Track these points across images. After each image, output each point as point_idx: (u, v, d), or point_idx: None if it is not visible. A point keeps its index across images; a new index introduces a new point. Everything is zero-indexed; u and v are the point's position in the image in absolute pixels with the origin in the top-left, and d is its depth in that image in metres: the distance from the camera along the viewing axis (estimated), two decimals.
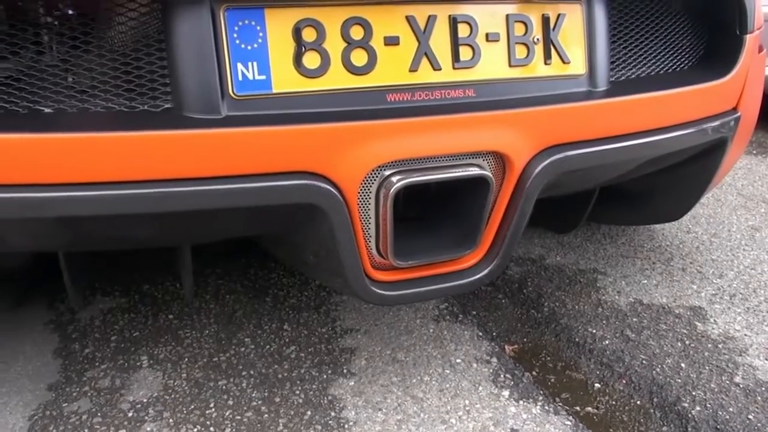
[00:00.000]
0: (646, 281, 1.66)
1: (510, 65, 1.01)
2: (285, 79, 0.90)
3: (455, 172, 0.96)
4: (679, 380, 1.26)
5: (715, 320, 1.47)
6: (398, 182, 0.93)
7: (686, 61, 1.27)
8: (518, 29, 1.01)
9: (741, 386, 1.24)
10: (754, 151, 2.99)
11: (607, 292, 1.60)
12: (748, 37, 1.26)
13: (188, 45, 0.86)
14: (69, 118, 0.86)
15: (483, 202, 1.00)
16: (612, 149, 1.08)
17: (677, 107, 1.16)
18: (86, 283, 1.49)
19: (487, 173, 0.98)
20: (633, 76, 1.19)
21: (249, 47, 0.88)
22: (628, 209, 1.61)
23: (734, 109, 1.30)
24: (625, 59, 1.18)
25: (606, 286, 1.64)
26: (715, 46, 1.27)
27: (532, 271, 1.71)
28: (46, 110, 0.87)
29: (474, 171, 0.97)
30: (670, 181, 1.41)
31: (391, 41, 0.93)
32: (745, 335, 1.41)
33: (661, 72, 1.24)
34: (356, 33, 0.91)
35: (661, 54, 1.23)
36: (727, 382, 1.25)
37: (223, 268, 1.71)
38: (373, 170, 0.93)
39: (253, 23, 0.87)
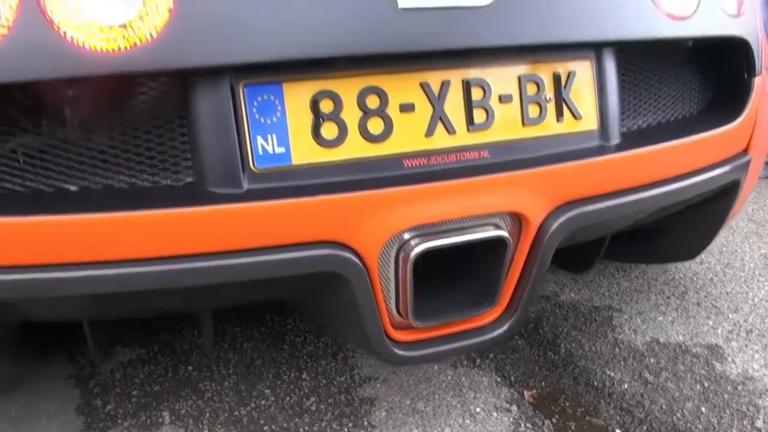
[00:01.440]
0: (661, 318, 1.66)
1: (523, 125, 1.02)
2: (304, 151, 0.91)
3: (473, 234, 0.98)
4: (701, 426, 1.26)
5: (733, 359, 1.47)
6: (418, 246, 0.94)
7: (695, 105, 1.28)
8: (530, 89, 1.02)
9: (762, 431, 1.24)
10: (764, 172, 2.99)
11: (624, 331, 1.60)
12: (756, 79, 1.27)
13: (209, 121, 0.88)
14: (94, 197, 0.88)
15: (501, 261, 1.01)
16: (626, 202, 1.09)
17: (689, 156, 1.17)
18: (107, 340, 1.51)
19: (505, 233, 0.99)
20: (644, 124, 1.20)
21: (268, 121, 0.89)
22: (642, 248, 1.61)
23: (745, 151, 1.31)
24: (635, 109, 1.19)
25: (622, 324, 1.64)
26: (724, 89, 1.28)
27: (546, 310, 1.71)
28: (72, 188, 0.89)
29: (491, 232, 0.98)
30: (683, 222, 1.41)
31: (407, 108, 0.95)
32: (764, 375, 1.41)
33: (671, 118, 1.25)
34: (372, 102, 0.93)
35: (671, 101, 1.24)
36: (749, 426, 1.25)
37: (240, 314, 1.72)
38: (393, 236, 0.94)
39: (271, 98, 0.89)
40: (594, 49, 1.06)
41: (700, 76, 1.28)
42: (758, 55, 1.26)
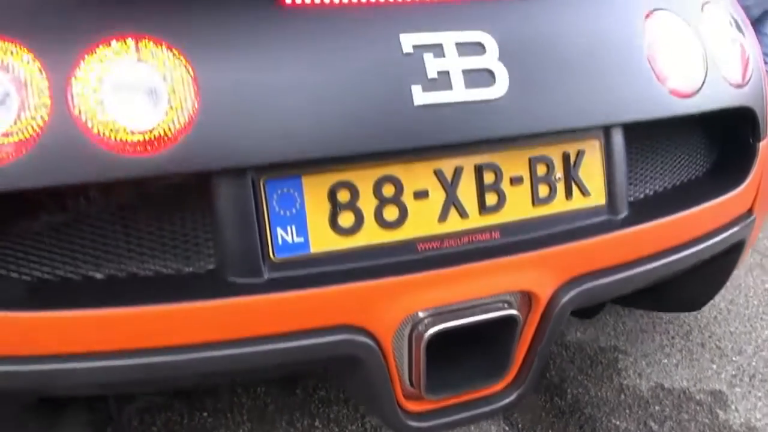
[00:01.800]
0: (666, 360, 1.69)
1: (533, 205, 1.05)
2: (322, 240, 0.94)
3: (485, 314, 1.01)
4: None
5: (736, 407, 1.50)
6: (431, 327, 0.98)
7: (701, 168, 1.30)
8: (540, 170, 1.05)
9: None
10: None
11: (629, 375, 1.64)
12: (761, 144, 1.30)
13: (231, 214, 0.91)
14: (120, 287, 0.91)
15: (511, 337, 1.05)
16: (634, 274, 1.12)
17: (696, 224, 1.20)
18: (127, 397, 1.54)
19: (515, 312, 1.02)
20: (651, 192, 1.23)
21: (288, 213, 0.93)
22: (647, 299, 1.64)
23: (750, 211, 1.34)
24: (642, 178, 1.22)
25: (627, 367, 1.67)
26: (729, 153, 1.31)
27: (554, 351, 1.75)
28: (98, 276, 0.92)
29: (503, 312, 1.02)
30: (688, 277, 1.44)
31: (421, 195, 0.98)
32: (766, 425, 1.44)
33: (678, 183, 1.27)
34: (388, 190, 0.96)
35: (677, 167, 1.27)
36: None
37: None
38: (407, 317, 0.98)
39: (291, 191, 0.92)
40: (603, 129, 1.08)
41: (706, 141, 1.30)
42: (764, 119, 1.28)
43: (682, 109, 1.12)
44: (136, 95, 0.84)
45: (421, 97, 0.91)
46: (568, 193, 1.08)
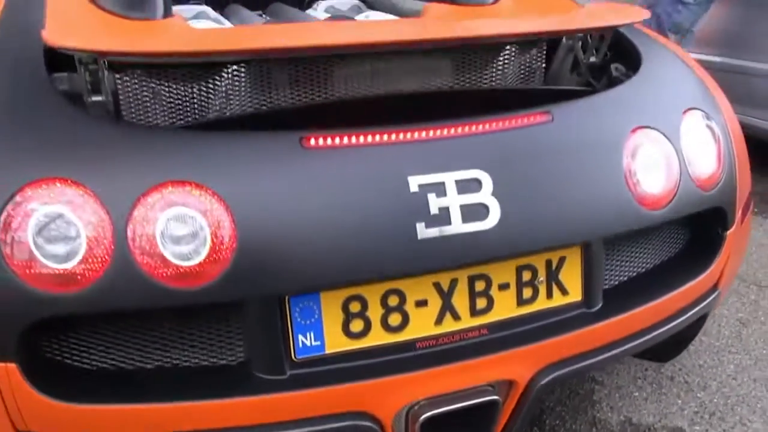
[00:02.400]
0: (637, 393, 1.89)
1: (518, 305, 1.22)
2: (335, 342, 1.12)
3: (471, 399, 1.19)
4: None
5: None
6: (425, 412, 1.16)
7: (671, 254, 1.46)
8: (525, 276, 1.21)
9: None
10: (756, 209, 3.15)
11: (602, 408, 1.83)
12: (729, 231, 1.45)
13: (260, 322, 1.08)
14: (165, 377, 1.09)
15: (492, 417, 1.23)
16: (606, 357, 1.29)
17: (664, 308, 1.36)
18: None
19: (497, 397, 1.20)
20: (624, 278, 1.39)
21: (307, 322, 1.10)
22: None
23: (715, 287, 1.50)
24: (616, 271, 1.37)
25: (602, 399, 1.87)
26: (698, 242, 1.46)
27: None
28: (149, 366, 1.10)
29: (486, 397, 1.19)
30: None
31: (421, 303, 1.15)
32: None
33: (649, 268, 1.43)
34: (393, 301, 1.13)
35: (649, 256, 1.42)
36: None
37: None
38: (405, 404, 1.16)
39: (310, 304, 1.09)
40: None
41: (676, 231, 1.45)
42: (732, 213, 1.43)
43: (655, 220, 1.27)
44: (182, 236, 1.00)
45: (424, 232, 1.06)
46: (549, 294, 1.24)
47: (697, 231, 1.45)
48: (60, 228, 0.98)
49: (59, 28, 1.17)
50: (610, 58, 1.52)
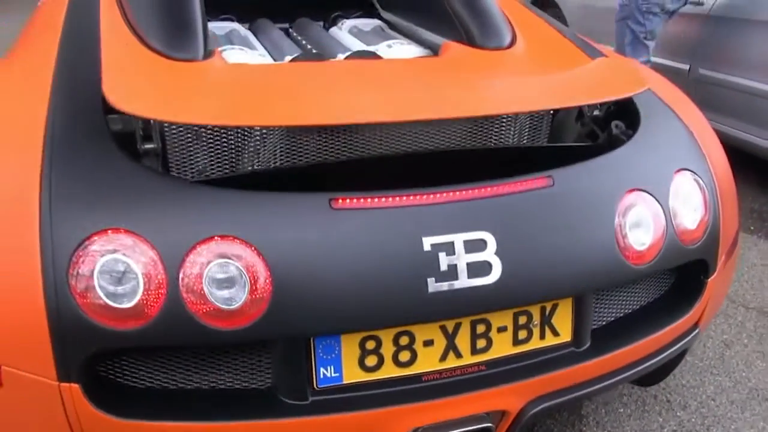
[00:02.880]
0: (622, 410, 2.05)
1: (513, 344, 1.38)
2: (351, 374, 1.28)
3: (469, 426, 1.35)
4: None
5: None
6: None
7: (655, 296, 1.60)
8: (522, 320, 1.37)
9: None
10: (752, 227, 3.28)
11: (588, 423, 2.00)
12: (710, 279, 1.59)
13: (287, 356, 1.24)
14: (198, 399, 1.26)
15: None
16: (592, 389, 1.46)
17: (647, 347, 1.52)
18: None
19: (491, 424, 1.37)
20: (611, 318, 1.54)
21: (328, 357, 1.26)
22: None
23: (695, 326, 1.65)
24: (603, 310, 1.52)
25: (589, 414, 2.03)
26: (681, 287, 1.60)
27: None
28: (189, 386, 1.27)
29: (483, 424, 1.36)
30: None
31: (428, 343, 1.31)
32: None
33: (635, 308, 1.58)
34: (403, 341, 1.29)
35: (634, 298, 1.57)
36: None
37: None
38: (411, 429, 1.32)
39: (332, 343, 1.25)
40: None
41: (661, 278, 1.60)
42: (714, 262, 1.57)
43: (641, 273, 1.42)
44: (226, 283, 1.16)
45: (433, 286, 1.22)
46: (542, 335, 1.40)
47: (680, 277, 1.60)
48: (121, 273, 1.14)
49: (117, 83, 1.32)
50: (613, 112, 1.66)
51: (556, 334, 1.41)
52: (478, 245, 1.24)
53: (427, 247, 1.22)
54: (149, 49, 1.58)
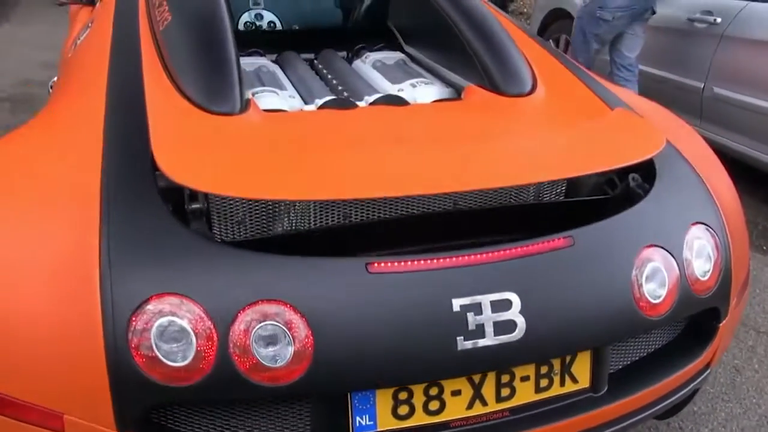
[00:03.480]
0: None
1: (535, 392, 1.47)
2: (385, 422, 1.38)
3: None
4: None
5: None
6: None
7: (668, 340, 1.69)
8: (543, 370, 1.46)
9: None
10: (764, 246, 3.34)
11: None
12: (722, 324, 1.67)
13: (326, 407, 1.34)
14: None
15: None
16: (607, 431, 1.55)
17: (661, 390, 1.60)
18: None
19: None
20: (628, 362, 1.62)
21: (364, 407, 1.36)
22: None
23: (707, 366, 1.74)
24: (620, 356, 1.61)
25: None
26: (693, 331, 1.69)
27: None
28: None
29: None
30: None
31: (456, 393, 1.40)
32: None
33: (650, 351, 1.66)
34: (433, 391, 1.38)
35: (648, 343, 1.65)
36: None
37: None
38: None
39: (368, 395, 1.35)
40: None
41: (675, 323, 1.68)
42: (726, 309, 1.65)
43: (656, 324, 1.50)
44: (271, 343, 1.26)
45: (462, 344, 1.31)
46: (562, 382, 1.49)
47: (693, 321, 1.68)
48: (175, 334, 1.24)
49: (168, 151, 1.41)
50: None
51: (575, 381, 1.50)
52: (503, 305, 1.33)
53: (456, 308, 1.31)
54: (189, 101, 1.68)
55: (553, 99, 1.89)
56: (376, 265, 1.31)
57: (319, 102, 1.94)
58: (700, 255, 1.56)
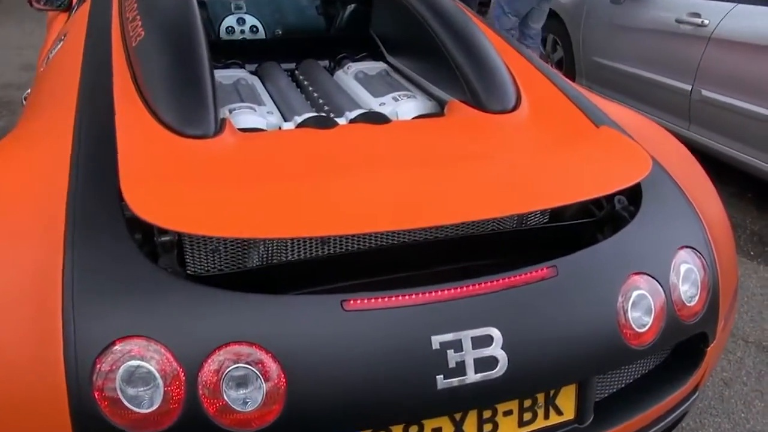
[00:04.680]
0: None
1: (519, 426, 1.42)
2: None
3: None
4: None
5: None
6: None
7: (655, 365, 1.65)
8: (527, 403, 1.41)
9: None
10: (752, 251, 3.32)
11: None
12: (709, 347, 1.64)
13: None
14: None
15: None
16: None
17: (648, 416, 1.56)
18: None
19: None
20: (613, 390, 1.58)
21: None
22: None
23: (695, 389, 1.70)
24: (606, 383, 1.57)
25: None
26: (681, 356, 1.65)
27: None
28: None
29: None
30: None
31: (436, 431, 1.35)
32: None
33: (636, 377, 1.62)
34: (413, 430, 1.34)
35: (634, 372, 1.61)
36: None
37: None
38: None
39: None
40: None
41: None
42: (713, 333, 1.61)
43: (643, 353, 1.46)
44: (242, 387, 1.20)
45: (442, 383, 1.26)
46: (546, 415, 1.44)
47: (679, 347, 1.64)
48: (142, 378, 1.19)
49: (137, 185, 1.34)
50: None
51: (559, 413, 1.46)
52: (484, 341, 1.29)
53: (435, 345, 1.26)
54: (161, 123, 1.61)
55: (537, 116, 1.84)
56: (351, 302, 1.26)
57: (299, 119, 1.88)
58: (687, 279, 1.52)
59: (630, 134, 1.80)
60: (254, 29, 2.91)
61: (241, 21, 2.91)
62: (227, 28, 2.87)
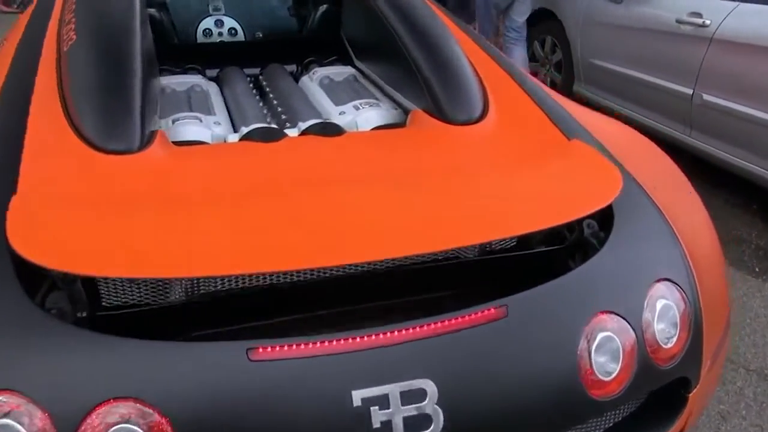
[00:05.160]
0: None
1: None
2: None
3: None
4: None
5: None
6: None
7: (632, 410, 1.44)
8: None
9: None
10: (757, 267, 3.09)
11: None
12: (692, 394, 1.43)
13: None
14: None
15: None
16: None
17: None
18: None
19: None
20: None
21: None
22: None
23: None
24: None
25: None
26: (662, 402, 1.45)
27: None
28: None
29: None
30: None
31: None
32: None
33: (615, 422, 1.42)
34: None
35: (611, 417, 1.41)
36: None
37: None
38: None
39: None
40: None
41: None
42: (696, 378, 1.41)
43: (612, 405, 1.27)
44: None
45: None
46: None
47: (659, 391, 1.45)
48: None
49: (26, 209, 1.17)
50: None
51: None
52: (416, 395, 1.10)
53: (357, 401, 1.08)
54: (80, 136, 1.45)
55: (503, 128, 1.66)
56: (260, 350, 1.08)
57: (245, 130, 1.71)
58: (664, 317, 1.33)
59: (606, 146, 1.61)
60: (233, 31, 2.76)
61: (219, 23, 2.76)
62: (204, 30, 2.73)
